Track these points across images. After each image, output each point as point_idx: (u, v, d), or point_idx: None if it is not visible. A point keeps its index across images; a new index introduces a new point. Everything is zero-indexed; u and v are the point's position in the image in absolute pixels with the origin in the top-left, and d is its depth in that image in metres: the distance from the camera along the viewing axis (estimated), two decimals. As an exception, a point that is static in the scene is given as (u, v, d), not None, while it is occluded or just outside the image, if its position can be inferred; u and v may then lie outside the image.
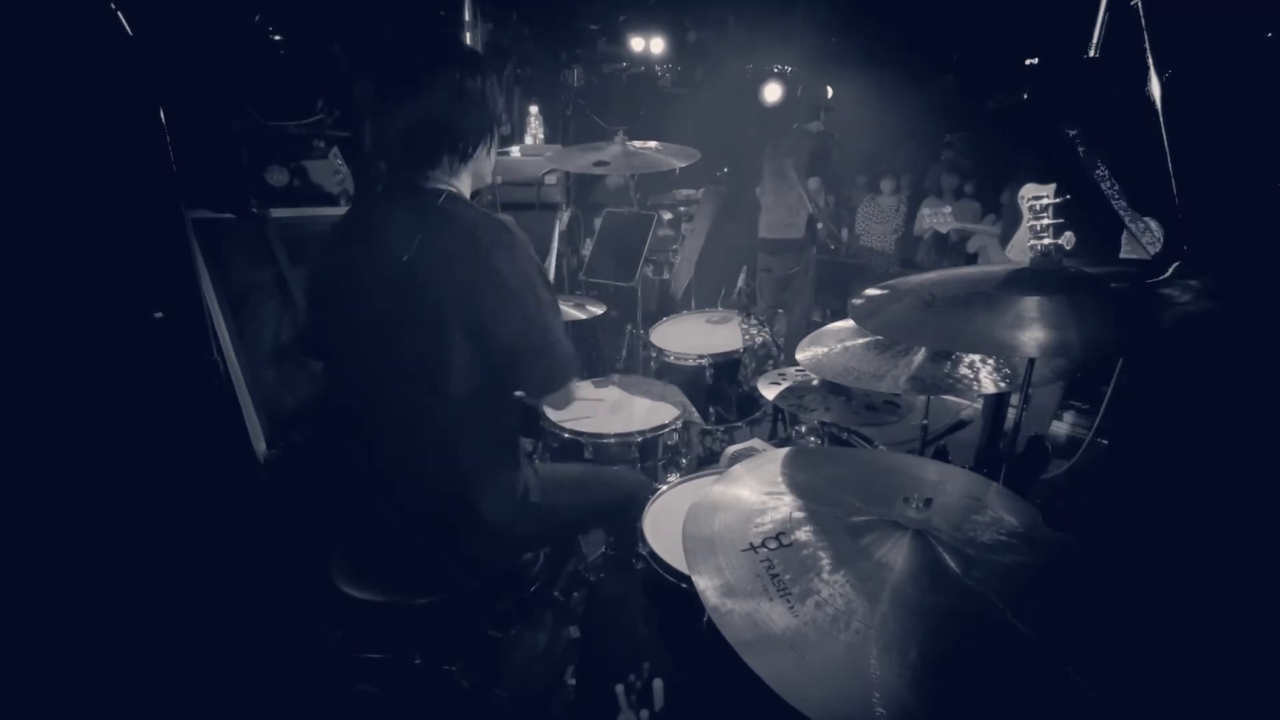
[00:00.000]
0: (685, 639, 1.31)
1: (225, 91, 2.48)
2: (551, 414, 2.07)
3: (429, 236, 1.30)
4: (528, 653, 1.85)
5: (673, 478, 1.77)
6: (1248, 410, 1.62)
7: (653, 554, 1.39)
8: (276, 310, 2.47)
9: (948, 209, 4.13)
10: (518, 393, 1.47)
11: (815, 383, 1.97)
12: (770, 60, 5.95)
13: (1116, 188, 2.44)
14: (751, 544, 0.96)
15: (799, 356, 1.76)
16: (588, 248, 3.39)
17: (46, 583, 1.69)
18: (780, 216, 4.48)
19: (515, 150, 3.84)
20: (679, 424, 2.07)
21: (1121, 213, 2.46)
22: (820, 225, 4.53)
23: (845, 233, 5.71)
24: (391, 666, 1.62)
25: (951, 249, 5.24)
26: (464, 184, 1.42)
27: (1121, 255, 2.67)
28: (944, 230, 4.43)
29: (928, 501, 0.96)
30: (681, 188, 5.21)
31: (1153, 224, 2.51)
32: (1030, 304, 1.15)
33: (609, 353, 3.33)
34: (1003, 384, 1.53)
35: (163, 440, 1.92)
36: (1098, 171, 2.44)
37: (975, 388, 1.54)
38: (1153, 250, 2.48)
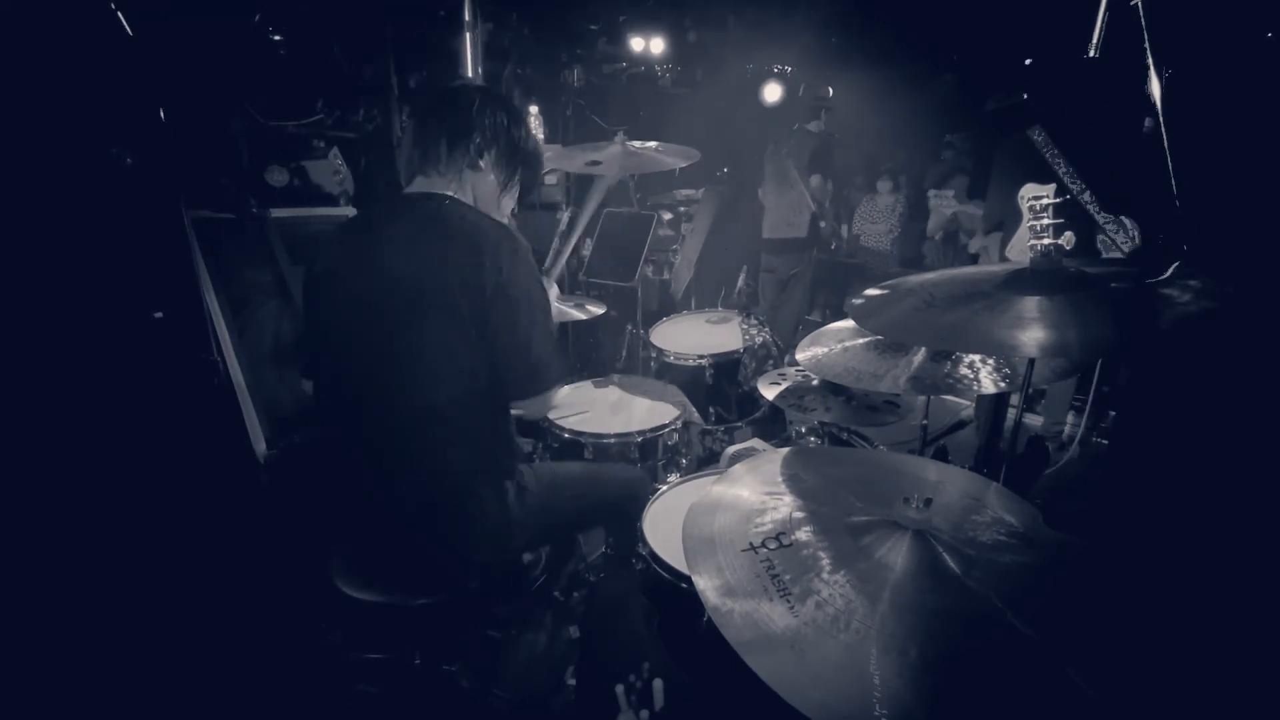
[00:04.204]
0: (685, 639, 1.31)
1: (225, 91, 2.48)
2: (552, 414, 2.07)
3: (429, 238, 1.33)
4: (528, 653, 1.85)
5: (673, 478, 1.77)
6: (1248, 410, 1.62)
7: (653, 554, 1.39)
8: (276, 310, 2.47)
9: (950, 192, 4.14)
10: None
11: (815, 383, 1.97)
12: (770, 60, 5.95)
13: (1085, 188, 2.42)
14: (751, 544, 0.96)
15: (799, 356, 1.76)
16: (588, 248, 3.39)
17: (46, 582, 1.69)
18: (783, 216, 4.48)
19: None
20: (679, 424, 2.07)
21: (1094, 214, 2.44)
22: (824, 224, 4.53)
23: (845, 230, 5.70)
24: (391, 666, 1.62)
25: (960, 250, 5.22)
26: (467, 195, 1.46)
27: (1103, 257, 2.66)
28: (947, 212, 4.43)
29: (928, 501, 0.96)
30: (681, 188, 5.21)
31: (1127, 222, 2.50)
32: (1030, 304, 1.15)
33: (609, 353, 3.33)
34: (1003, 384, 1.53)
35: (163, 440, 1.92)
36: (1063, 172, 2.43)
37: (975, 388, 1.54)
38: (1128, 249, 2.46)
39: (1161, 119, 1.78)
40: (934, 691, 0.75)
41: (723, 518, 1.03)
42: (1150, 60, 1.80)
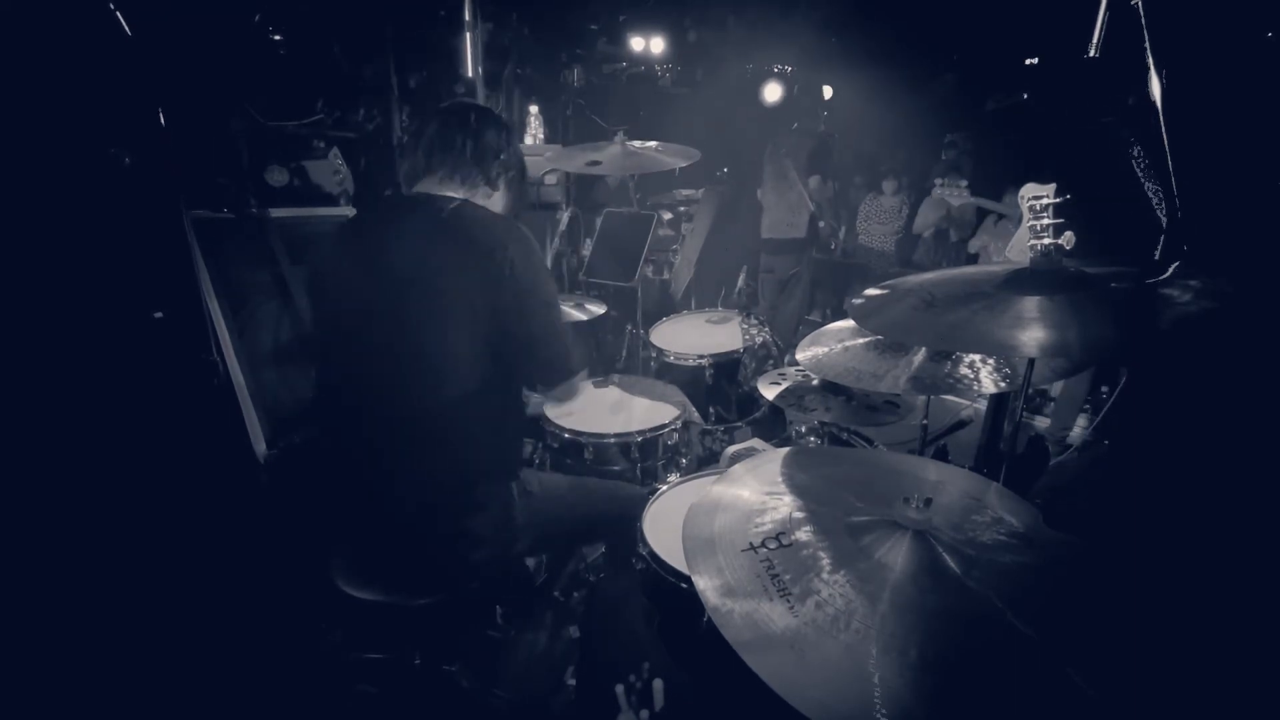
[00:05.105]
0: (685, 639, 1.31)
1: (225, 91, 2.48)
2: (551, 414, 2.07)
3: (441, 236, 1.34)
4: (528, 653, 1.85)
5: (673, 478, 1.77)
6: (1248, 410, 1.62)
7: (653, 554, 1.39)
8: (276, 310, 2.47)
9: (964, 183, 4.10)
10: (528, 390, 1.50)
11: (815, 383, 1.97)
12: (770, 60, 5.95)
13: (1159, 190, 2.40)
14: (751, 544, 0.96)
15: (799, 356, 1.76)
16: (588, 248, 3.38)
17: (47, 581, 1.69)
18: (782, 216, 4.48)
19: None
20: (679, 424, 2.06)
21: (1161, 216, 2.42)
22: (822, 224, 4.53)
23: (842, 231, 5.70)
24: (391, 666, 1.62)
25: (951, 249, 5.22)
26: (477, 199, 1.47)
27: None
28: (957, 204, 4.36)
29: (928, 501, 0.96)
30: (681, 188, 5.20)
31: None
32: (1030, 304, 1.15)
33: (609, 353, 3.33)
34: (1003, 384, 1.53)
35: (162, 440, 1.92)
36: (1150, 189, 2.40)
37: (975, 388, 1.54)
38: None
39: (1162, 119, 1.78)
40: (934, 691, 0.75)
41: (723, 518, 1.03)
42: (1150, 60, 1.80)
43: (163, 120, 1.93)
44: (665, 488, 1.65)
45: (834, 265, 5.42)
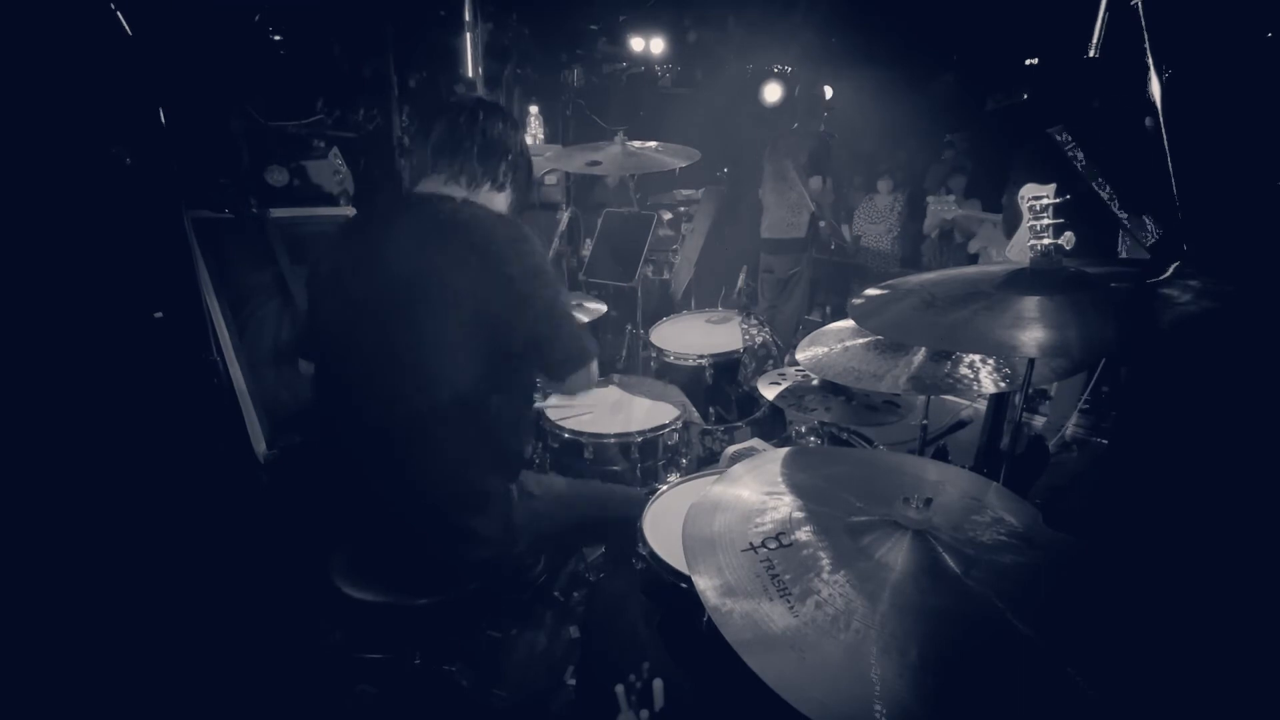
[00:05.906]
0: (685, 639, 1.31)
1: (225, 91, 2.48)
2: (551, 414, 2.07)
3: (440, 237, 1.34)
4: (528, 653, 1.85)
5: (673, 478, 1.77)
6: (1248, 410, 1.62)
7: (653, 554, 1.39)
8: (276, 310, 2.47)
9: (951, 197, 4.15)
10: (544, 384, 1.49)
11: (815, 383, 1.97)
12: (770, 60, 5.96)
13: (1107, 187, 2.42)
14: (751, 544, 0.96)
15: (799, 356, 1.76)
16: (588, 248, 3.39)
17: (47, 581, 1.69)
18: (782, 216, 4.47)
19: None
20: (679, 424, 2.06)
21: (1117, 212, 2.44)
22: (823, 224, 4.53)
23: (847, 232, 5.71)
24: (391, 666, 1.62)
25: (956, 249, 5.22)
26: (481, 198, 1.47)
27: (1121, 257, 2.66)
28: (948, 216, 4.42)
29: (928, 501, 0.96)
30: (681, 188, 5.21)
31: (1149, 221, 2.49)
32: (1030, 304, 1.15)
33: (609, 353, 3.33)
34: (1003, 384, 1.53)
35: (163, 440, 1.92)
36: (1084, 169, 2.42)
37: (975, 388, 1.54)
38: (1149, 245, 2.46)
39: (1161, 119, 1.78)
40: (934, 691, 0.75)
41: (723, 518, 1.03)
42: (1150, 60, 1.80)
43: (163, 120, 1.93)
44: (665, 488, 1.65)
45: (834, 265, 5.42)
